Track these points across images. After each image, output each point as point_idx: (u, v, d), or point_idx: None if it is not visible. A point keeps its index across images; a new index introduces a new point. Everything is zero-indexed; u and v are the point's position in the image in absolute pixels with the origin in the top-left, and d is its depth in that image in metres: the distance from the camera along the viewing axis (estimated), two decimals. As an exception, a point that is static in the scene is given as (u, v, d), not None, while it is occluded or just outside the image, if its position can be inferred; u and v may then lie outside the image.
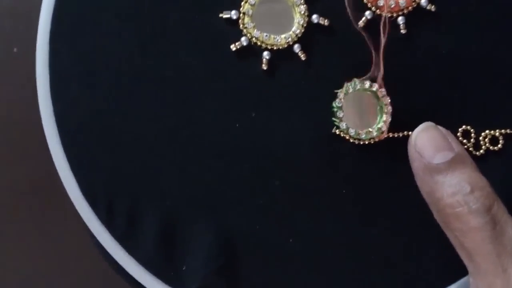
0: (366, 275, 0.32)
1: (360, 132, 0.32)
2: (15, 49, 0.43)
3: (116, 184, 0.31)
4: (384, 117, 0.32)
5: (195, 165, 0.32)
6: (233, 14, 0.31)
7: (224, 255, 0.31)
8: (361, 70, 0.32)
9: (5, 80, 0.44)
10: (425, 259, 0.33)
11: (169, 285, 0.31)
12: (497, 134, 0.33)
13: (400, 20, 0.32)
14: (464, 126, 0.33)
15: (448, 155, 0.30)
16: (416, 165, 0.31)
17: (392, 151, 0.32)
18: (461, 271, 0.32)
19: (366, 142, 0.32)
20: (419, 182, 0.31)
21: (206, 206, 0.32)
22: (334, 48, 0.32)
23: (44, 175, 0.42)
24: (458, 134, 0.33)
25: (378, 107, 0.32)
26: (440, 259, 0.33)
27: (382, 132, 0.32)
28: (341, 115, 0.32)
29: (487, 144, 0.33)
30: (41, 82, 0.31)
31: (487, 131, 0.33)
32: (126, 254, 0.31)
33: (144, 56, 0.31)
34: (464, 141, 0.33)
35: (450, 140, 0.31)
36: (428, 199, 0.31)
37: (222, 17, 0.32)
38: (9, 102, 0.44)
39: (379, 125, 0.32)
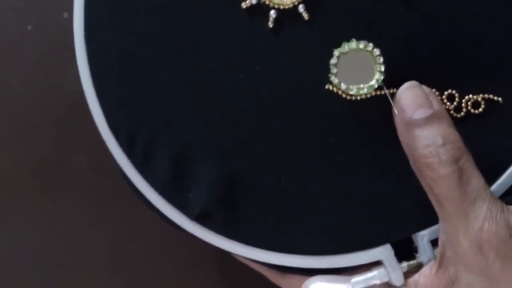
0: (348, 213, 0.36)
1: (350, 87, 0.35)
2: (29, 27, 0.45)
3: (136, 119, 0.36)
4: (377, 75, 0.35)
5: (205, 109, 0.35)
6: (246, -24, 0.35)
7: (224, 187, 0.36)
8: (360, 31, 0.35)
9: (19, 58, 0.46)
10: (403, 206, 0.36)
11: (177, 208, 0.36)
12: (479, 99, 0.36)
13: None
14: (449, 90, 0.36)
15: (427, 112, 0.34)
16: (398, 119, 0.34)
17: (380, 107, 0.35)
18: (435, 219, 0.35)
19: (358, 98, 0.35)
20: (400, 135, 0.35)
21: (212, 145, 0.36)
22: (336, 9, 0.35)
23: (54, 153, 0.45)
24: (443, 97, 0.35)
25: (374, 66, 0.35)
26: (417, 207, 0.36)
27: (375, 90, 0.35)
28: (335, 71, 0.35)
29: (468, 107, 0.36)
30: (77, 24, 0.35)
31: (470, 96, 0.36)
32: (143, 179, 0.36)
33: (169, 9, 0.35)
34: (448, 103, 0.35)
35: (431, 99, 0.34)
36: (406, 150, 0.34)
37: None
38: (22, 81, 0.45)
39: (372, 82, 0.35)
